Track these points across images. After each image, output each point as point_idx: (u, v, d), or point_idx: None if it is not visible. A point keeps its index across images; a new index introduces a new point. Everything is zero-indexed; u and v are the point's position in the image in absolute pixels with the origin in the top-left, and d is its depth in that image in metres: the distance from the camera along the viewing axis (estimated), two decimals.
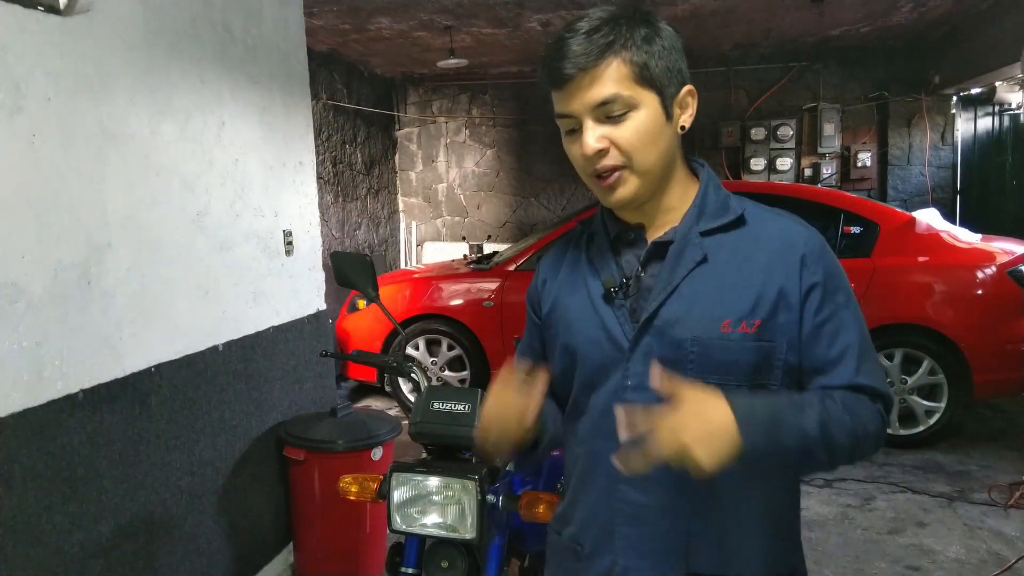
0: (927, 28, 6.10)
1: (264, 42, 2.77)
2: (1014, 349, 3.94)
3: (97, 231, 1.99)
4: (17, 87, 1.75)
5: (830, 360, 1.05)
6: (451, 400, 1.58)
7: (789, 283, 1.04)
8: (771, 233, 1.07)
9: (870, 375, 1.05)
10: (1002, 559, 2.96)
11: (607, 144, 1.02)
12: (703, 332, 1.03)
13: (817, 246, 1.07)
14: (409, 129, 8.04)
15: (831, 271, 1.06)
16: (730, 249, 1.06)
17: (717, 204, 1.09)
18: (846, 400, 1.02)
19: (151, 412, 2.18)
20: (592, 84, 1.00)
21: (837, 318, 1.05)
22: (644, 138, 1.02)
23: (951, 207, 6.76)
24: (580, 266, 1.16)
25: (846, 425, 1.00)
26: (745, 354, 1.03)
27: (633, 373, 1.06)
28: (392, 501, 1.54)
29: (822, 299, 1.04)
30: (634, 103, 1.01)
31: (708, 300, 1.04)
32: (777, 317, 1.03)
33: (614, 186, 1.04)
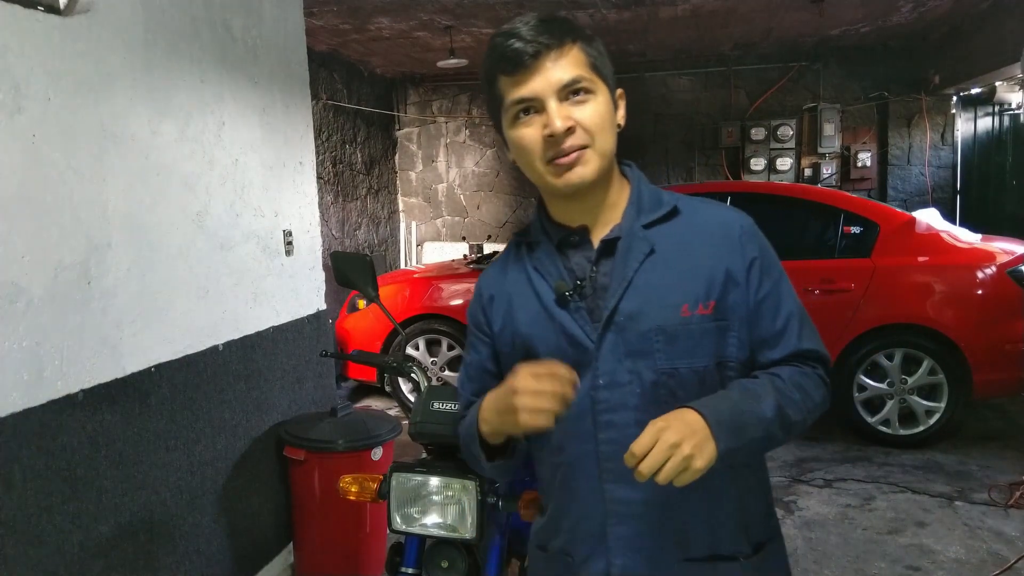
0: (927, 28, 6.10)
1: (264, 42, 2.78)
2: (1014, 349, 3.94)
3: (97, 231, 1.99)
4: (17, 87, 1.75)
5: (776, 331, 1.11)
6: (451, 400, 1.58)
7: (734, 262, 1.09)
8: (707, 219, 1.13)
9: (811, 339, 1.13)
10: (1002, 559, 2.96)
11: (574, 122, 1.03)
12: (665, 320, 1.06)
13: (749, 226, 1.13)
14: (409, 129, 8.04)
15: (764, 247, 1.13)
16: (672, 238, 1.10)
17: (651, 199, 1.14)
18: (792, 376, 1.09)
19: (151, 412, 2.18)
20: (556, 64, 1.03)
21: (777, 291, 1.12)
22: (603, 120, 1.06)
23: (951, 207, 6.76)
24: (526, 277, 1.16)
25: (797, 403, 1.07)
26: (706, 335, 1.07)
27: (604, 372, 1.07)
28: (392, 501, 1.54)
29: (762, 274, 1.11)
30: (592, 88, 1.05)
31: (664, 289, 1.07)
32: (728, 296, 1.08)
33: (574, 164, 1.05)
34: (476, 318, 1.24)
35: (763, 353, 1.12)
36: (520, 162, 1.10)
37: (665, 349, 1.07)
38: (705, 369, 1.08)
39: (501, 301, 1.19)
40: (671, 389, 1.07)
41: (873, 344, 4.15)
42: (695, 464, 0.93)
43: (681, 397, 1.05)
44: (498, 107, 1.09)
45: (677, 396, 1.06)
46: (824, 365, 1.14)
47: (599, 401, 1.08)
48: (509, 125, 1.08)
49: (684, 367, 1.07)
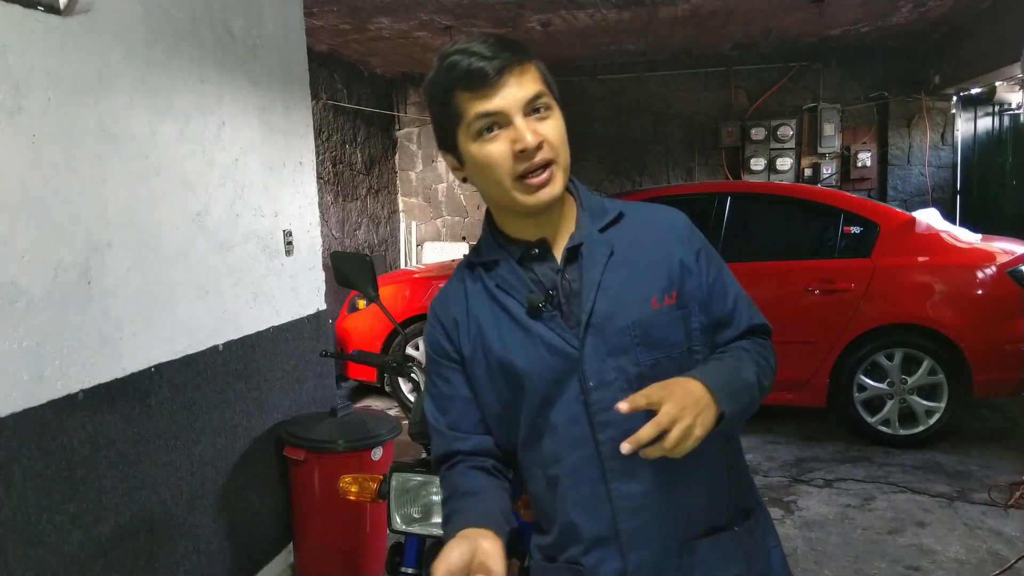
0: (927, 28, 6.10)
1: (264, 42, 2.78)
2: (1014, 349, 3.94)
3: (97, 231, 1.99)
4: (17, 87, 1.75)
5: (728, 311, 1.19)
6: None
7: (685, 254, 1.16)
8: (650, 218, 1.19)
9: (757, 315, 1.23)
10: (1002, 559, 2.96)
11: (542, 138, 1.05)
12: (638, 315, 1.11)
13: (687, 220, 1.21)
14: (409, 129, 8.04)
15: (703, 238, 1.22)
16: (626, 240, 1.15)
17: (596, 206, 1.18)
18: (754, 347, 1.18)
19: (151, 412, 2.18)
20: (521, 81, 1.05)
21: (721, 276, 1.20)
22: (563, 135, 1.09)
23: (951, 207, 6.76)
24: (489, 297, 1.16)
25: (763, 367, 1.16)
26: (675, 323, 1.13)
27: (591, 374, 1.09)
28: (392, 501, 1.55)
29: (708, 261, 1.19)
30: (551, 104, 1.08)
31: (631, 286, 1.12)
32: (685, 285, 1.15)
33: (545, 183, 1.07)
34: (439, 346, 1.20)
35: (721, 333, 1.19)
36: (480, 178, 1.10)
37: (643, 342, 1.11)
38: (680, 355, 1.13)
39: (468, 325, 1.17)
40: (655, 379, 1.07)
41: (873, 344, 4.15)
42: (695, 432, 0.97)
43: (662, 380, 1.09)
44: (454, 124, 1.08)
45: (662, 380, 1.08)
46: (769, 335, 1.24)
47: (593, 403, 1.09)
48: (470, 141, 1.07)
49: (663, 356, 1.11)
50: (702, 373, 1.06)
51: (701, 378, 1.03)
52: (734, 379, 1.09)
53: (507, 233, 1.17)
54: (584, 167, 7.61)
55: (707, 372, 1.07)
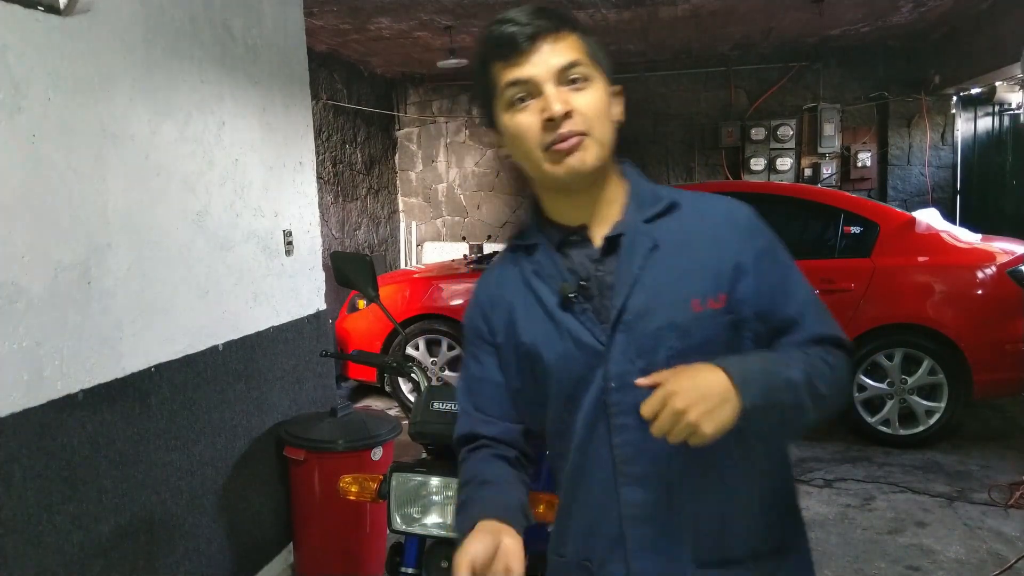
0: (927, 28, 6.10)
1: (264, 42, 2.78)
2: (1014, 349, 3.94)
3: (97, 231, 1.99)
4: (17, 87, 1.75)
5: (791, 318, 1.06)
6: (451, 400, 1.58)
7: (741, 253, 1.05)
8: (708, 211, 1.09)
9: (830, 325, 1.08)
10: (1002, 559, 2.96)
11: (572, 108, 1.00)
12: (676, 316, 1.02)
13: (752, 214, 1.10)
14: (409, 129, 8.04)
15: (769, 235, 1.10)
16: (675, 233, 1.06)
17: (649, 194, 1.10)
18: (818, 352, 1.04)
19: (151, 412, 2.18)
20: (555, 48, 1.01)
21: (788, 277, 1.08)
22: (601, 108, 1.03)
23: (951, 207, 6.76)
24: (526, 282, 1.11)
25: (826, 375, 1.01)
26: (718, 329, 1.03)
27: (615, 375, 1.03)
28: (392, 501, 1.55)
29: (771, 262, 1.07)
30: (590, 75, 1.02)
31: (671, 283, 1.04)
32: (738, 287, 1.04)
33: (573, 150, 1.00)
34: (477, 326, 1.19)
35: (781, 341, 1.07)
36: (516, 152, 1.06)
37: (678, 345, 1.02)
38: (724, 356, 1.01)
39: (502, 310, 1.14)
40: None
41: (873, 344, 4.15)
42: (703, 430, 0.89)
43: None
44: (491, 96, 1.05)
45: None
46: (846, 351, 1.08)
47: (611, 404, 1.04)
48: (504, 111, 1.04)
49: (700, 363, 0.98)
50: (730, 361, 0.95)
51: (724, 365, 0.93)
52: (769, 372, 0.97)
53: (549, 216, 1.12)
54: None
55: (737, 360, 0.96)
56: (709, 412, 0.89)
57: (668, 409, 0.89)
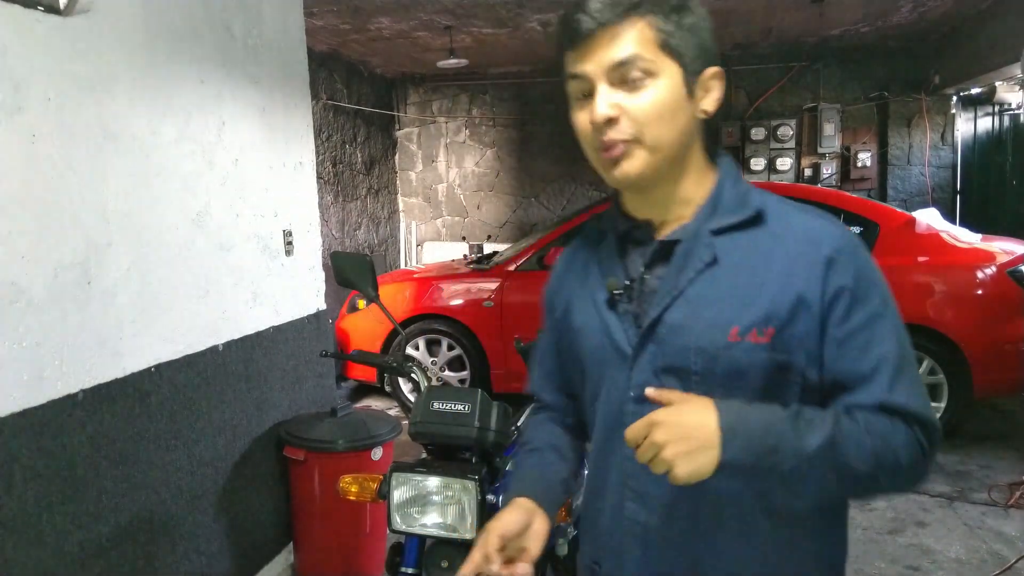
0: (927, 28, 6.10)
1: (264, 42, 2.77)
2: (1014, 349, 3.94)
3: (97, 231, 1.99)
4: (17, 87, 1.75)
5: (860, 375, 0.91)
6: (451, 400, 1.58)
7: (810, 288, 0.92)
8: (793, 232, 0.95)
9: (907, 394, 0.91)
10: (1002, 559, 2.96)
11: (618, 112, 0.93)
12: (708, 341, 0.94)
13: (847, 246, 0.94)
14: (409, 129, 8.04)
15: (863, 274, 0.93)
16: (745, 249, 0.95)
17: (734, 199, 0.99)
18: (873, 422, 0.89)
19: (151, 412, 2.18)
20: (612, 42, 0.92)
21: (870, 327, 0.92)
22: (660, 109, 0.93)
23: (951, 207, 6.76)
24: (590, 266, 1.08)
25: (865, 448, 0.87)
26: (755, 366, 0.92)
27: (636, 384, 0.98)
28: (392, 501, 1.54)
29: (851, 305, 0.92)
30: (654, 70, 0.92)
31: (716, 305, 0.94)
32: (795, 326, 0.92)
33: (619, 159, 0.94)
34: (547, 301, 1.17)
35: (840, 400, 0.92)
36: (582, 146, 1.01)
37: (703, 373, 0.94)
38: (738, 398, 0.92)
39: (565, 290, 1.12)
40: None
41: None
42: (676, 471, 0.84)
43: None
44: (563, 84, 0.99)
45: None
46: (924, 429, 0.91)
47: (627, 414, 0.99)
48: (571, 102, 0.99)
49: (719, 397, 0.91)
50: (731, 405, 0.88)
51: (721, 409, 0.86)
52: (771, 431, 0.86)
53: (623, 204, 1.07)
54: (584, 167, 7.60)
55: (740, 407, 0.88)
56: (686, 454, 0.84)
57: (649, 439, 0.86)
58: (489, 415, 1.54)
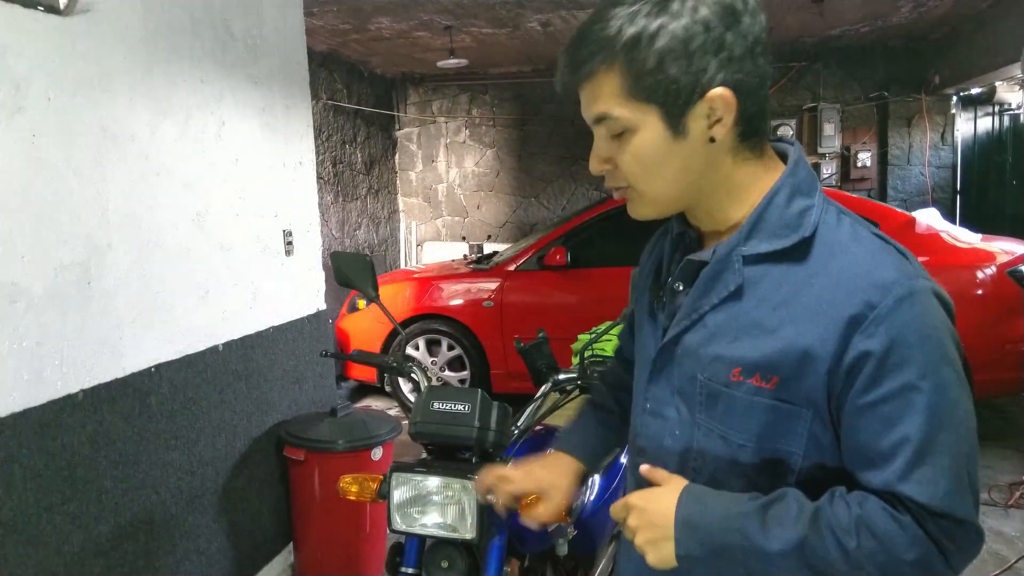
0: (927, 28, 6.10)
1: (264, 42, 2.77)
2: (1014, 349, 3.94)
3: (97, 231, 1.99)
4: (17, 87, 1.75)
5: (877, 452, 0.80)
6: (451, 400, 1.58)
7: (824, 345, 0.81)
8: (831, 272, 0.84)
9: (923, 485, 0.78)
10: (1002, 559, 2.96)
11: (611, 166, 0.90)
12: (713, 375, 0.89)
13: (887, 301, 0.80)
14: (409, 129, 8.04)
15: (903, 339, 0.79)
16: (774, 283, 0.86)
17: (781, 220, 0.87)
18: (873, 519, 0.79)
19: (151, 412, 2.18)
20: (587, 98, 0.88)
21: (899, 402, 0.79)
22: (644, 162, 0.86)
23: (951, 207, 6.76)
24: (656, 261, 1.06)
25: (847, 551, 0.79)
26: (753, 410, 0.86)
27: (652, 397, 0.97)
28: (392, 501, 1.54)
29: (876, 374, 0.79)
30: (630, 124, 0.85)
31: (727, 339, 0.88)
32: (801, 380, 0.83)
33: (627, 203, 0.93)
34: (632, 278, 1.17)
35: (857, 470, 0.83)
36: None
37: (705, 404, 0.91)
38: (740, 449, 0.88)
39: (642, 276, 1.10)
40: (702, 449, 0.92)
41: None
42: (646, 558, 0.86)
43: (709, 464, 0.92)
44: None
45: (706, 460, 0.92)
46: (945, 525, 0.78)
47: (638, 424, 1.00)
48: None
49: (717, 432, 0.90)
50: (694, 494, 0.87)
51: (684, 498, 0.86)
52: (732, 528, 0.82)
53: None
54: (584, 167, 7.60)
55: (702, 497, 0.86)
56: (652, 542, 0.86)
57: (628, 522, 0.90)
58: (489, 415, 1.54)
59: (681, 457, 0.94)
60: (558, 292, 4.79)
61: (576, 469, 1.23)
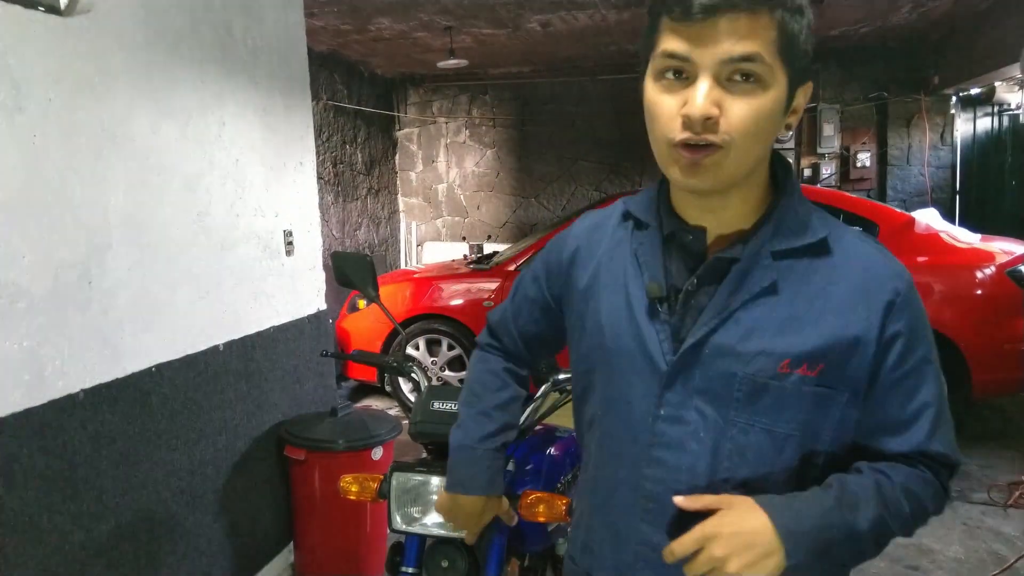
0: (927, 28, 6.11)
1: (265, 43, 2.78)
2: (1013, 349, 3.94)
3: (98, 231, 1.99)
4: (17, 87, 1.75)
5: (903, 420, 0.92)
6: (451, 400, 1.58)
7: (868, 329, 0.89)
8: (855, 266, 0.91)
9: (944, 441, 0.93)
10: (1002, 559, 2.96)
11: (719, 113, 0.83)
12: (758, 370, 0.89)
13: (905, 288, 0.91)
14: (409, 129, 8.05)
15: (917, 318, 0.91)
16: (802, 277, 0.91)
17: (796, 221, 0.92)
18: (908, 481, 0.92)
19: (152, 412, 2.19)
20: (736, 32, 0.81)
21: (917, 374, 0.92)
22: (760, 122, 0.84)
23: (950, 207, 6.77)
24: (623, 257, 1.00)
25: (904, 517, 0.91)
26: (801, 399, 0.90)
27: (668, 403, 0.93)
28: (392, 501, 1.55)
29: (904, 351, 0.90)
30: (768, 78, 0.83)
31: (770, 333, 0.89)
32: (846, 365, 0.89)
33: (700, 165, 0.85)
34: (556, 259, 1.10)
35: (881, 440, 0.93)
36: (648, 126, 0.91)
37: (745, 400, 0.90)
38: (786, 438, 0.91)
39: (588, 263, 1.04)
40: (739, 447, 0.92)
41: None
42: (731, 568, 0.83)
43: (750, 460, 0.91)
44: (648, 50, 0.88)
45: (745, 457, 0.92)
46: (952, 472, 0.96)
47: (656, 434, 0.94)
48: (651, 77, 0.88)
49: (760, 427, 0.90)
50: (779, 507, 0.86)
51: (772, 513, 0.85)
52: (829, 525, 0.86)
53: (672, 201, 0.98)
54: (584, 167, 7.61)
55: (789, 506, 0.87)
56: (754, 563, 0.84)
57: (707, 554, 0.85)
58: None
59: (712, 459, 0.92)
60: None
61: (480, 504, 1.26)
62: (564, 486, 1.79)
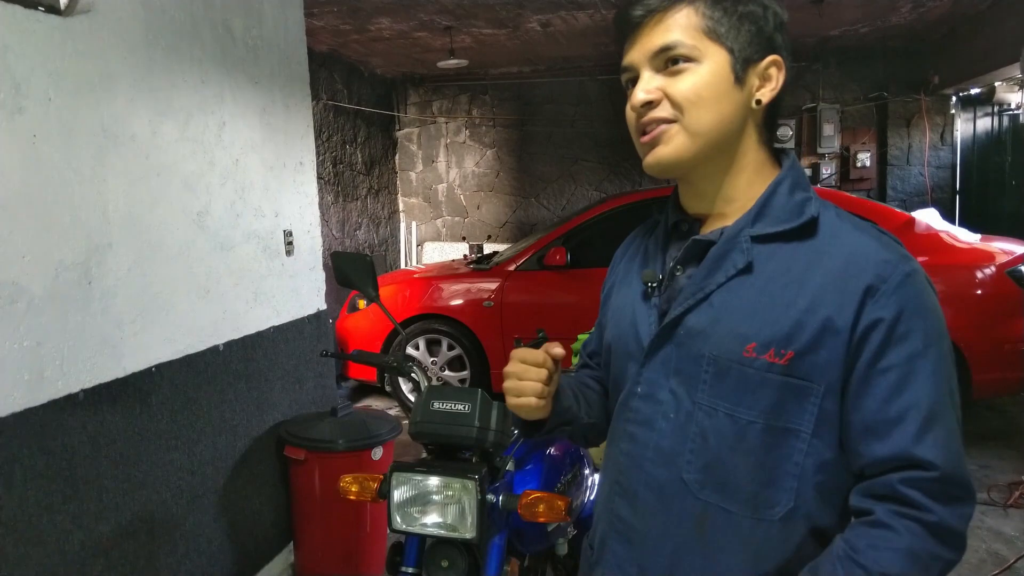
0: (927, 28, 6.11)
1: (265, 43, 2.78)
2: (1013, 349, 3.94)
3: (98, 231, 1.99)
4: (18, 87, 1.75)
5: (885, 419, 0.84)
6: (451, 400, 1.58)
7: (842, 314, 0.85)
8: (839, 250, 0.89)
9: (935, 447, 0.82)
10: (1001, 559, 2.96)
11: (659, 96, 0.92)
12: (722, 351, 0.90)
13: (895, 274, 0.86)
14: (409, 129, 8.05)
15: (909, 308, 0.85)
16: (784, 261, 0.90)
17: (787, 206, 0.93)
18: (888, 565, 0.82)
19: (152, 412, 2.19)
20: (655, 29, 0.92)
21: (905, 367, 0.84)
22: (701, 93, 0.90)
23: (950, 207, 6.77)
24: (640, 254, 1.08)
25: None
26: (765, 387, 0.88)
27: (645, 381, 0.97)
28: (392, 501, 1.55)
29: (885, 340, 0.85)
30: (695, 55, 0.90)
31: (738, 316, 0.90)
32: (818, 352, 0.86)
33: (655, 142, 0.92)
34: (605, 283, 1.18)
35: (864, 443, 0.86)
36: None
37: (711, 382, 0.91)
38: (748, 425, 0.89)
39: (617, 268, 1.14)
40: (703, 430, 0.92)
41: None
42: None
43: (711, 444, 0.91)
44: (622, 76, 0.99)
45: (707, 441, 0.92)
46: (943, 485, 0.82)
47: (630, 409, 0.99)
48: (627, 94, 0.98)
49: (723, 411, 0.90)
50: None
51: None
52: None
53: (679, 195, 1.04)
54: (584, 167, 7.61)
55: None
56: None
57: None
58: (489, 415, 1.54)
59: (676, 440, 0.94)
60: (558, 292, 4.79)
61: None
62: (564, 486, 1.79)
